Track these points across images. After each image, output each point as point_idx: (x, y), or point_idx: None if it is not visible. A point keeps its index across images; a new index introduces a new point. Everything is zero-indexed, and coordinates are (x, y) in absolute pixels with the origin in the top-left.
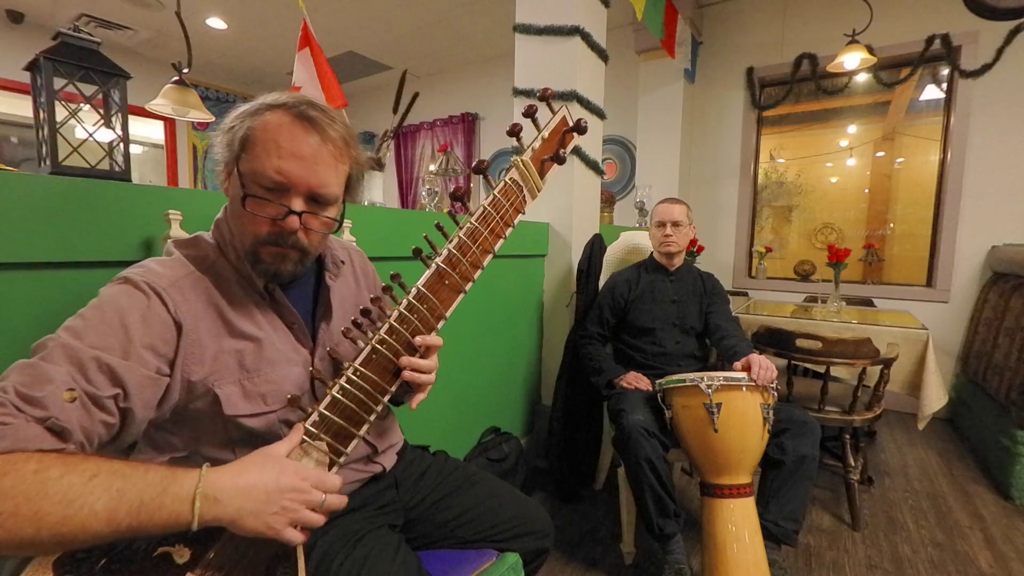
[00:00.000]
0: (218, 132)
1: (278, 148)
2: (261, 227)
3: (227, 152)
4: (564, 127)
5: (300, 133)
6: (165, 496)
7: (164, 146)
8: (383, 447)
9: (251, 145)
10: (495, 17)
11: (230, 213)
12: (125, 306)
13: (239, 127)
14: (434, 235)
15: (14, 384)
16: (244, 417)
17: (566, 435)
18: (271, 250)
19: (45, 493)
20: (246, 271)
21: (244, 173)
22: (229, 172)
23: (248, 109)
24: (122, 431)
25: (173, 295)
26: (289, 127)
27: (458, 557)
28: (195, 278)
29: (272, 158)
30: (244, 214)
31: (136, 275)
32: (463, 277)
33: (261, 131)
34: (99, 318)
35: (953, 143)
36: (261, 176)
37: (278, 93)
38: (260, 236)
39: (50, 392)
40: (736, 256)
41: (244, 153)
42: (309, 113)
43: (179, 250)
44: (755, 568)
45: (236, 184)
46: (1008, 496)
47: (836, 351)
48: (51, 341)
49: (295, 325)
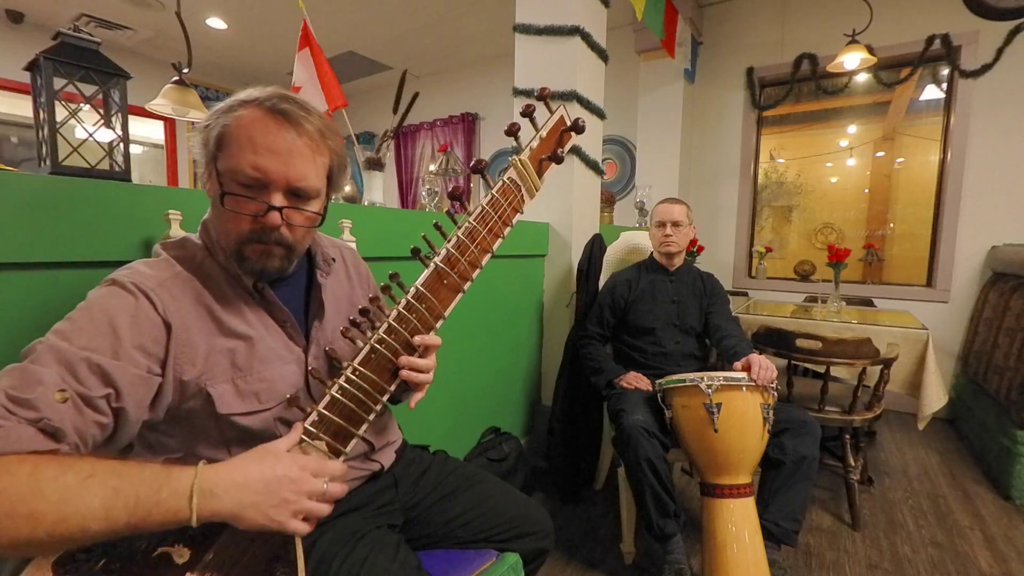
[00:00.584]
0: (195, 132)
1: (253, 144)
2: (243, 225)
3: (204, 151)
4: (562, 126)
5: (274, 127)
6: (162, 493)
7: (164, 146)
8: (380, 444)
9: (226, 143)
10: (495, 17)
11: (212, 213)
12: (113, 307)
13: (214, 125)
14: (432, 235)
15: (4, 388)
16: (238, 416)
17: (566, 435)
18: (255, 247)
19: (40, 493)
20: (234, 270)
21: (222, 171)
22: (209, 172)
23: (222, 107)
24: (116, 432)
25: (161, 295)
26: (263, 122)
27: (458, 557)
28: (183, 278)
29: (247, 154)
30: (225, 213)
31: (123, 276)
32: (462, 277)
33: (235, 128)
34: (87, 320)
35: (953, 143)
36: (238, 173)
37: (253, 89)
38: (243, 234)
39: (40, 393)
40: (736, 256)
41: (220, 151)
42: (282, 107)
43: (166, 251)
44: (755, 568)
45: (215, 183)
46: (1008, 496)
47: (836, 351)
48: (40, 345)
49: (287, 323)
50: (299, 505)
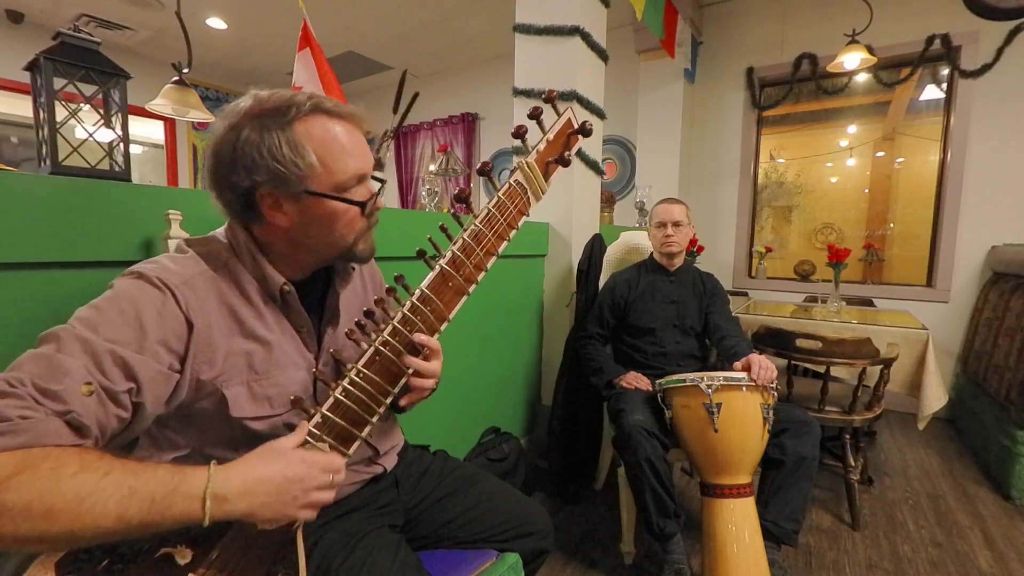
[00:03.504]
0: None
1: (347, 151)
2: (357, 223)
3: (274, 184)
4: (569, 129)
5: (345, 127)
6: (176, 495)
7: (164, 146)
8: (385, 449)
9: (323, 163)
10: (495, 17)
11: (307, 235)
12: (140, 301)
13: (285, 155)
14: (437, 236)
15: (31, 377)
16: (249, 420)
17: (566, 435)
18: (367, 235)
19: (59, 490)
20: (260, 274)
21: (330, 189)
22: (276, 203)
23: (268, 134)
24: (130, 425)
25: (185, 293)
26: (341, 127)
27: (458, 557)
28: (208, 277)
29: (349, 163)
30: (344, 222)
31: (150, 271)
32: (467, 279)
33: (322, 145)
34: (115, 311)
35: (953, 143)
36: (348, 183)
37: (272, 95)
38: (359, 229)
39: (68, 385)
40: (736, 256)
41: (318, 174)
42: (334, 107)
43: (192, 248)
44: (755, 568)
45: (317, 206)
46: (1008, 496)
47: (836, 351)
48: (64, 332)
49: (303, 329)
50: (307, 499)
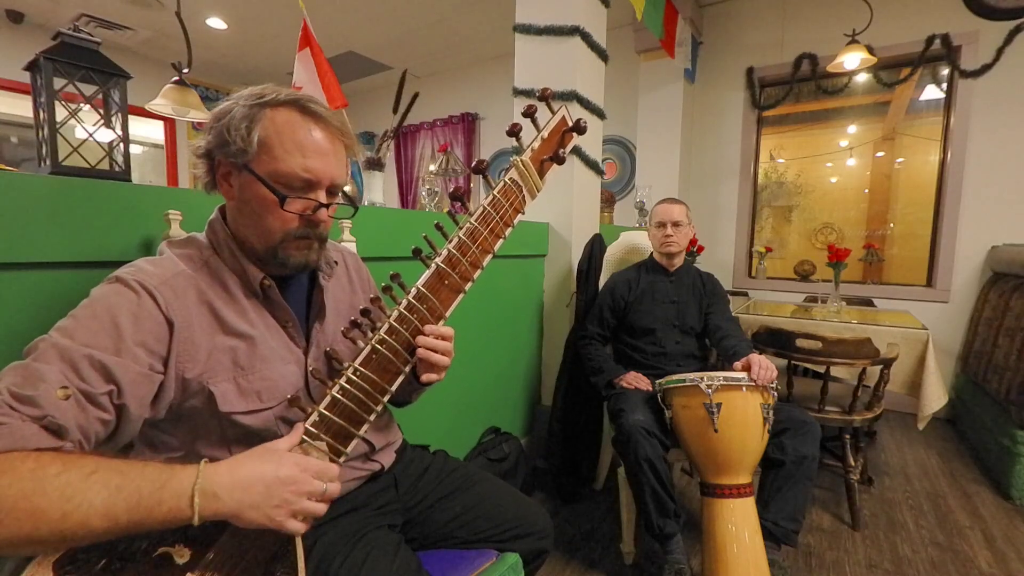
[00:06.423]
0: (207, 136)
1: (301, 147)
2: (291, 223)
3: (225, 152)
4: (563, 127)
5: (315, 129)
6: (163, 492)
7: (164, 146)
8: (380, 444)
9: (269, 146)
10: (495, 17)
11: (242, 214)
12: (115, 304)
13: (240, 127)
14: (433, 235)
15: (7, 385)
16: (239, 414)
17: (566, 435)
18: (299, 243)
19: (43, 491)
20: (240, 269)
21: (267, 174)
22: (227, 174)
23: (242, 109)
24: (118, 429)
25: (164, 293)
26: (303, 124)
27: (458, 557)
28: (186, 276)
29: (297, 157)
30: (272, 212)
31: (126, 274)
32: (463, 277)
33: (275, 131)
34: (90, 316)
35: (953, 143)
36: (291, 177)
37: (261, 88)
38: (290, 231)
39: (43, 390)
40: (736, 256)
41: (262, 155)
42: (312, 107)
43: (171, 249)
44: (755, 568)
45: (251, 186)
46: (1008, 496)
47: (836, 351)
48: (42, 342)
49: (288, 324)
50: (298, 505)
